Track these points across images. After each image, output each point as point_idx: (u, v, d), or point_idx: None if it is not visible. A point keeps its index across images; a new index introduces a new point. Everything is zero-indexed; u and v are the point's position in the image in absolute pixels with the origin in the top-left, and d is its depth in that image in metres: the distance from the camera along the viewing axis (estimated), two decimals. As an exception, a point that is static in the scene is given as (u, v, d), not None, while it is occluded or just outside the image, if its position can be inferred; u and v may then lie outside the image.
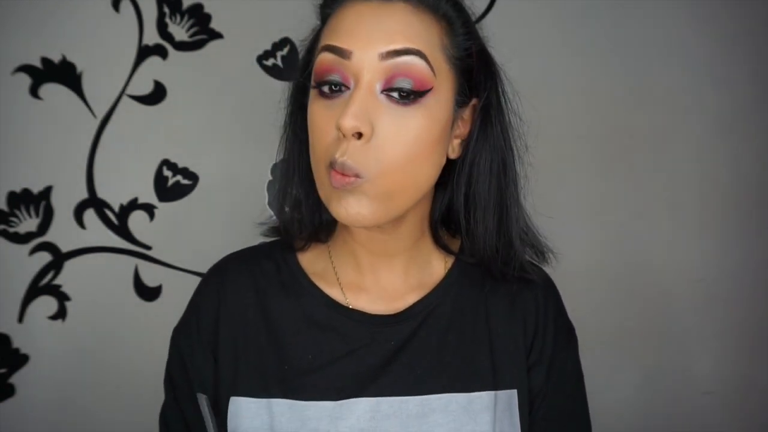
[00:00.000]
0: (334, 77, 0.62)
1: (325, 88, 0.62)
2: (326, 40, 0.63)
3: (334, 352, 0.69)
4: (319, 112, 0.63)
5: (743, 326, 1.49)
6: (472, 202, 0.70)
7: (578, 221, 1.41)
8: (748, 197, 1.47)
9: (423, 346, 0.70)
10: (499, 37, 0.72)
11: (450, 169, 0.70)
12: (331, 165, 0.61)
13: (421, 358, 0.70)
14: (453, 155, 0.68)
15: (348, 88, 0.62)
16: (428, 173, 0.65)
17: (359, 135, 0.60)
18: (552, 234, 0.76)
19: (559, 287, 0.79)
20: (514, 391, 0.71)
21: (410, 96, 0.61)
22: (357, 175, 0.60)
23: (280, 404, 0.68)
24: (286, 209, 0.73)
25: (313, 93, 0.64)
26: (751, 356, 1.50)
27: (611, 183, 1.43)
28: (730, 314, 1.49)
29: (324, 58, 0.62)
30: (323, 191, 0.64)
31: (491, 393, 0.70)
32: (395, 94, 0.61)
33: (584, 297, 1.26)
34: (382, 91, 0.61)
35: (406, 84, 0.60)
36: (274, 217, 0.78)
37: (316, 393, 0.68)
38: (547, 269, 0.77)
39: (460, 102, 0.66)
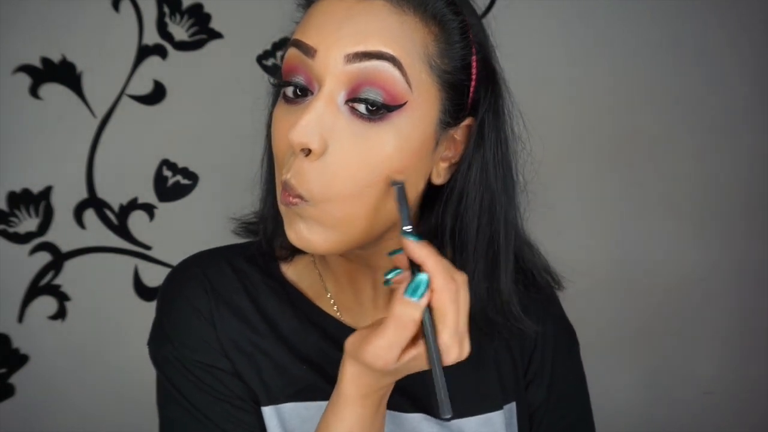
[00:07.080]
0: (298, 79, 0.54)
1: (289, 91, 0.55)
2: (295, 34, 0.56)
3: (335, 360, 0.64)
4: (279, 117, 0.56)
5: (743, 326, 1.49)
6: (459, 240, 0.60)
7: (578, 221, 1.41)
8: (747, 197, 1.47)
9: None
10: (499, 37, 0.70)
11: (438, 193, 0.60)
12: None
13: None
14: (438, 180, 0.59)
15: (312, 93, 0.54)
16: None
17: (308, 151, 0.53)
18: (551, 234, 0.75)
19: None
20: (513, 404, 0.70)
21: (378, 111, 0.52)
22: (300, 197, 0.54)
23: (288, 408, 0.63)
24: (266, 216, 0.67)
25: (279, 95, 0.57)
26: (751, 356, 1.50)
27: (611, 183, 1.43)
28: (730, 314, 1.49)
29: (290, 55, 0.55)
30: (280, 207, 0.57)
31: (499, 412, 0.68)
32: (361, 107, 0.52)
33: (584, 297, 1.25)
34: (346, 102, 0.53)
35: (374, 96, 0.52)
36: (251, 214, 0.73)
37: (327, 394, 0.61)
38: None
39: (448, 122, 0.56)
